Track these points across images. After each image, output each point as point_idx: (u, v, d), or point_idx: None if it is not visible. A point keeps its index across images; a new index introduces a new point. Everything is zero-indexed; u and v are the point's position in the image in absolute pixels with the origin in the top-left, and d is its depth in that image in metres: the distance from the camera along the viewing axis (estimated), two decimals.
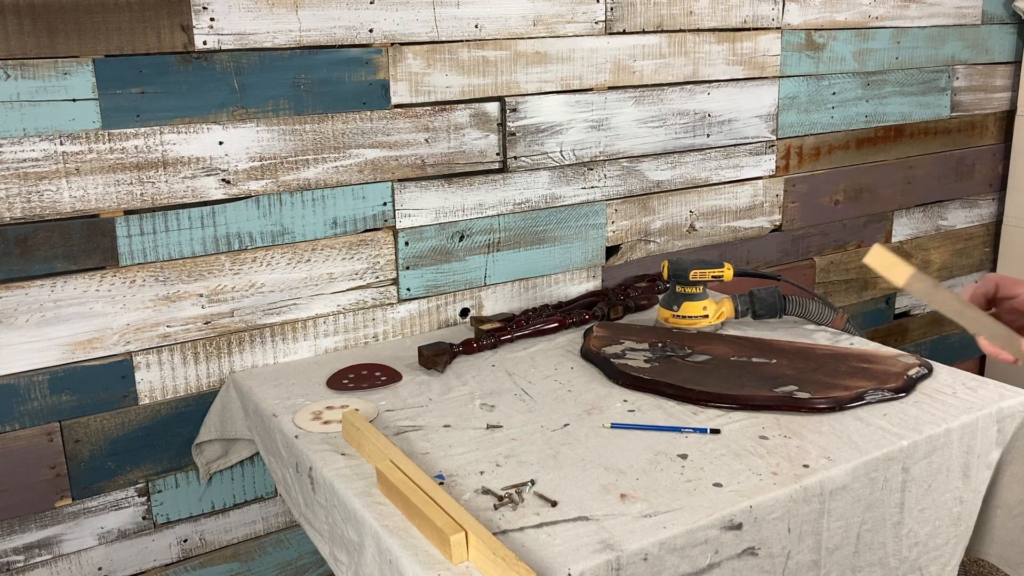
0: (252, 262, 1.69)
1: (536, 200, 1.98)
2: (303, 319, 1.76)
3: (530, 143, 1.94)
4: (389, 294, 1.85)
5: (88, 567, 1.67)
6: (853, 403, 1.47)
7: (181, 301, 1.64)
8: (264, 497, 1.82)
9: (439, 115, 1.82)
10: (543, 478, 1.28)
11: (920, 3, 2.49)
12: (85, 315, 1.56)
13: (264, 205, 1.68)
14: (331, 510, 1.32)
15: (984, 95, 2.75)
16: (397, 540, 1.15)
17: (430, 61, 1.78)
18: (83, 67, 1.48)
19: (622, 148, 2.07)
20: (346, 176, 1.74)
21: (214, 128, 1.60)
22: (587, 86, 1.99)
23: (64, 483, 1.61)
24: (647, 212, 2.16)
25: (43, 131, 1.47)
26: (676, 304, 1.83)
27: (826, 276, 2.56)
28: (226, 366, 1.71)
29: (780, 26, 2.24)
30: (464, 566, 1.10)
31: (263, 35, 1.61)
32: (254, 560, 1.83)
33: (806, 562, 1.29)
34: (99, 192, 1.53)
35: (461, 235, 1.90)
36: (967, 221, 2.85)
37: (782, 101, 2.30)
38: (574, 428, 1.43)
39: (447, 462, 1.33)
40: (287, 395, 1.59)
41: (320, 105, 1.69)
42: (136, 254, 1.58)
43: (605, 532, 1.15)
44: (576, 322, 1.88)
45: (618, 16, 1.99)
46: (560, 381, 1.62)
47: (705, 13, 2.11)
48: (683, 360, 1.65)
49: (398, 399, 1.56)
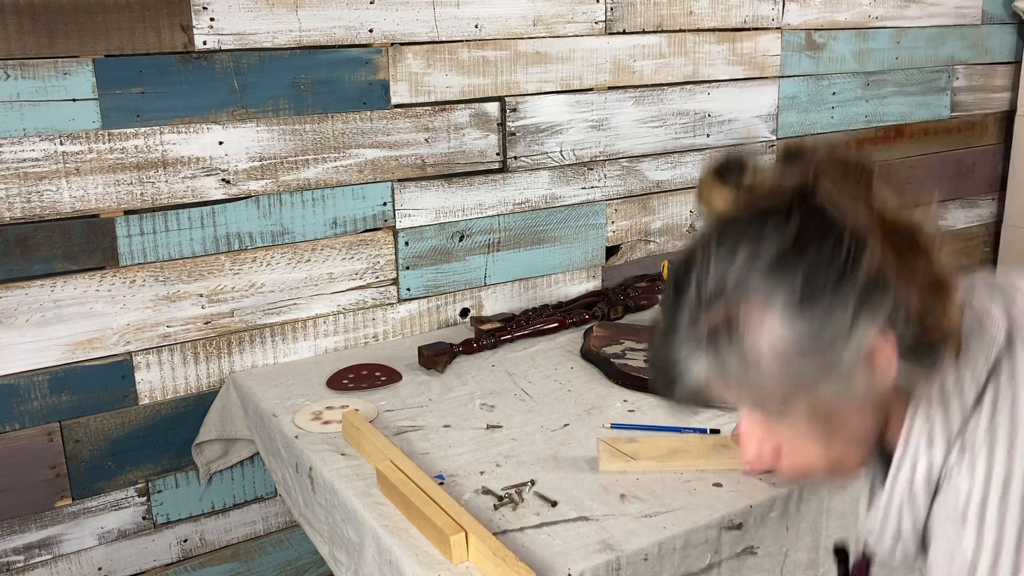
0: (252, 262, 1.69)
1: (536, 200, 1.98)
2: (303, 319, 1.76)
3: (530, 143, 1.94)
4: (389, 294, 1.85)
5: (88, 567, 1.67)
6: None
7: (181, 301, 1.64)
8: (264, 497, 1.82)
9: (439, 115, 1.81)
10: (543, 478, 1.28)
11: (920, 3, 2.49)
12: (85, 315, 1.56)
13: (264, 205, 1.68)
14: (331, 510, 1.32)
15: (984, 95, 2.75)
16: (397, 540, 1.15)
17: (430, 61, 1.78)
18: (83, 67, 1.48)
19: (622, 148, 2.07)
20: (346, 176, 1.74)
21: (214, 128, 1.60)
22: (587, 86, 1.99)
23: (64, 483, 1.61)
24: (647, 212, 2.16)
25: (43, 131, 1.47)
26: None
27: None
28: (226, 366, 1.71)
29: (780, 26, 2.24)
30: (464, 566, 1.10)
31: (263, 35, 1.61)
32: (254, 560, 1.83)
33: (804, 561, 1.29)
34: (99, 192, 1.53)
35: (461, 235, 1.90)
36: (967, 221, 2.85)
37: (782, 101, 2.30)
38: (574, 428, 1.43)
39: (447, 462, 1.33)
40: (287, 395, 1.59)
41: (320, 105, 1.69)
42: (136, 254, 1.58)
43: (605, 532, 1.15)
44: (576, 322, 1.88)
45: (618, 16, 1.99)
46: (560, 381, 1.62)
47: (705, 13, 2.11)
48: None
49: (398, 399, 1.56)
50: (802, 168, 0.74)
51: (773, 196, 0.74)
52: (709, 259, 0.74)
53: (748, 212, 0.75)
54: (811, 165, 0.74)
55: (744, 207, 0.75)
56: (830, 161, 0.75)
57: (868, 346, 0.73)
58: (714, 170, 0.79)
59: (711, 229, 0.76)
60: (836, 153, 0.75)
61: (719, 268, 0.73)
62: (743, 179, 0.77)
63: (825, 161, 0.74)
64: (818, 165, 0.74)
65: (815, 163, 0.74)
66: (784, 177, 0.75)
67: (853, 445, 0.81)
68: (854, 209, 0.72)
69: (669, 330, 0.77)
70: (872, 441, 0.82)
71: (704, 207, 0.79)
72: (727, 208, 0.77)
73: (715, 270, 0.73)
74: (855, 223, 0.71)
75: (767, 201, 0.74)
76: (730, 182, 0.77)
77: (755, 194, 0.75)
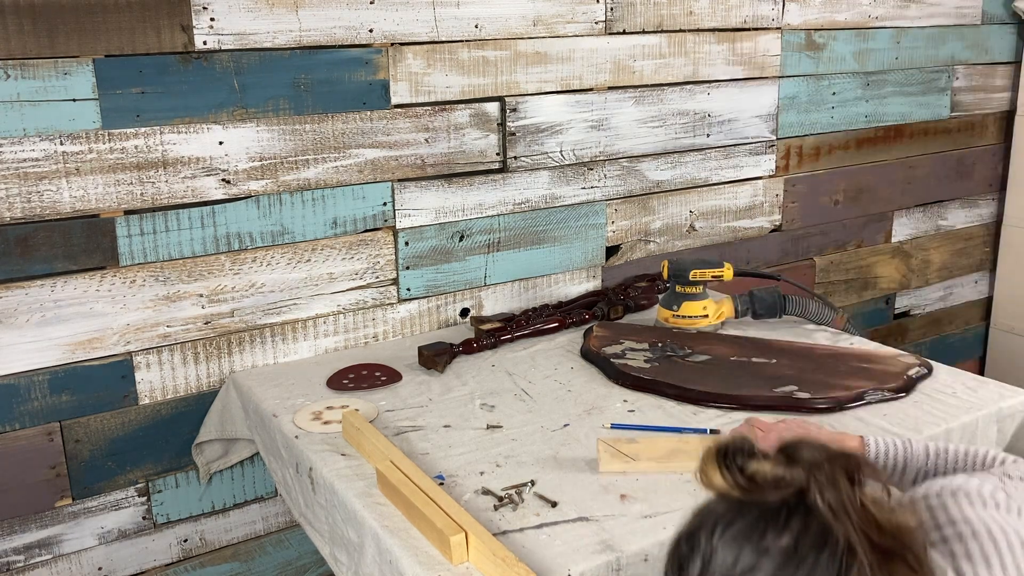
0: (252, 262, 1.69)
1: (536, 200, 1.98)
2: (303, 319, 1.76)
3: (530, 143, 1.94)
4: (389, 294, 1.85)
5: (88, 567, 1.67)
6: (853, 403, 1.47)
7: (181, 301, 1.64)
8: (264, 497, 1.82)
9: (439, 115, 1.81)
10: (543, 478, 1.28)
11: (920, 3, 2.49)
12: (85, 315, 1.56)
13: (264, 205, 1.68)
14: (331, 510, 1.32)
15: (984, 95, 2.75)
16: (397, 540, 1.15)
17: (430, 61, 1.78)
18: (83, 67, 1.48)
19: (622, 148, 2.07)
20: (346, 176, 1.74)
21: (214, 128, 1.60)
22: (587, 86, 1.99)
23: (64, 483, 1.61)
24: (647, 212, 2.16)
25: (43, 131, 1.47)
26: (676, 304, 1.83)
27: (826, 276, 2.56)
28: (226, 366, 1.71)
29: (780, 26, 2.24)
30: (464, 567, 1.10)
31: (263, 35, 1.61)
32: (254, 560, 1.83)
33: None
34: (99, 192, 1.53)
35: (461, 235, 1.90)
36: (967, 221, 2.85)
37: (782, 101, 2.30)
38: (574, 428, 1.43)
39: (447, 462, 1.33)
40: (287, 395, 1.59)
41: (320, 105, 1.69)
42: (136, 254, 1.58)
43: (605, 532, 1.15)
44: (576, 322, 1.88)
45: (618, 16, 1.99)
46: (560, 381, 1.62)
47: (705, 13, 2.11)
48: (683, 360, 1.65)
49: (398, 399, 1.56)
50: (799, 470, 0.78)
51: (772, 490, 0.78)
52: (714, 552, 0.78)
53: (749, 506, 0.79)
54: (807, 468, 0.78)
55: (745, 497, 0.79)
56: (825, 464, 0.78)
57: None
58: (717, 452, 0.82)
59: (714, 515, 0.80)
60: (830, 455, 0.79)
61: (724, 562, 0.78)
62: (745, 465, 0.80)
63: (820, 464, 0.78)
64: (813, 468, 0.78)
65: (811, 466, 0.78)
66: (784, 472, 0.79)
67: None
68: (846, 516, 0.76)
69: None
70: None
71: (703, 483, 0.83)
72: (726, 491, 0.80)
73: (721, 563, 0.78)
74: (847, 533, 0.75)
75: (767, 495, 0.78)
76: (732, 467, 0.81)
77: (755, 484, 0.79)
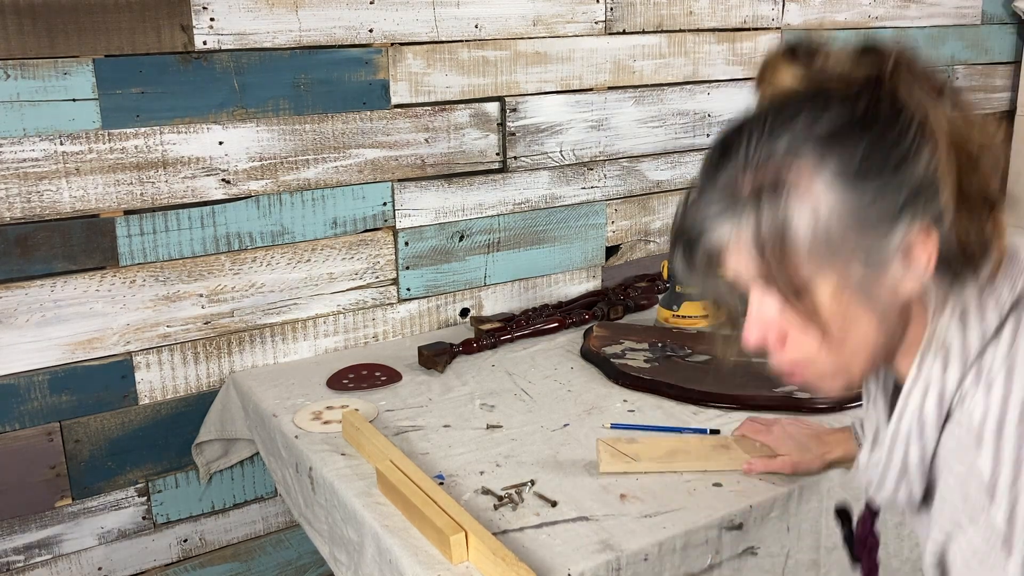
0: (252, 262, 1.69)
1: (536, 200, 1.98)
2: (303, 319, 1.76)
3: (530, 143, 1.94)
4: (389, 294, 1.85)
5: (88, 567, 1.67)
6: (853, 403, 1.47)
7: (181, 301, 1.64)
8: (264, 497, 1.82)
9: (439, 115, 1.82)
10: (543, 478, 1.28)
11: (920, 3, 2.49)
12: (85, 315, 1.56)
13: (264, 205, 1.68)
14: (331, 510, 1.32)
15: (984, 95, 2.75)
16: (397, 540, 1.15)
17: (430, 61, 1.78)
18: (83, 67, 1.48)
19: (622, 148, 2.07)
20: (346, 176, 1.74)
21: (214, 128, 1.60)
22: (587, 86, 1.99)
23: (64, 483, 1.61)
24: (647, 212, 2.16)
25: (43, 131, 1.47)
26: (676, 304, 1.83)
27: None
28: (226, 366, 1.71)
29: (780, 26, 2.24)
30: (464, 566, 1.10)
31: (263, 35, 1.61)
32: (254, 560, 1.83)
33: (806, 561, 1.29)
34: (99, 192, 1.53)
35: (461, 235, 1.90)
36: None
37: None
38: (574, 428, 1.43)
39: (447, 462, 1.33)
40: (287, 395, 1.59)
41: (320, 105, 1.69)
42: (136, 254, 1.58)
43: (605, 532, 1.15)
44: (576, 322, 1.88)
45: (618, 16, 1.99)
46: (560, 381, 1.62)
47: (705, 13, 2.11)
48: (683, 360, 1.65)
49: (398, 399, 1.56)
50: (878, 60, 0.72)
51: (844, 80, 0.72)
52: (766, 123, 0.72)
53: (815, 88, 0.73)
54: (888, 57, 0.72)
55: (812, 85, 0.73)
56: (908, 58, 0.73)
57: (910, 238, 0.71)
58: (785, 48, 0.76)
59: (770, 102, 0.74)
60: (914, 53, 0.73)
61: (775, 131, 0.71)
62: (814, 61, 0.74)
63: (903, 56, 0.72)
64: (897, 57, 0.72)
65: (893, 56, 0.72)
66: (858, 67, 0.73)
67: (860, 354, 0.78)
68: (926, 104, 0.70)
69: (705, 188, 0.75)
70: (880, 358, 0.79)
71: (766, 87, 0.76)
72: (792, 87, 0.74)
73: (770, 132, 0.71)
74: (924, 116, 0.70)
75: (837, 83, 0.72)
76: (800, 62, 0.75)
77: (825, 75, 0.73)
